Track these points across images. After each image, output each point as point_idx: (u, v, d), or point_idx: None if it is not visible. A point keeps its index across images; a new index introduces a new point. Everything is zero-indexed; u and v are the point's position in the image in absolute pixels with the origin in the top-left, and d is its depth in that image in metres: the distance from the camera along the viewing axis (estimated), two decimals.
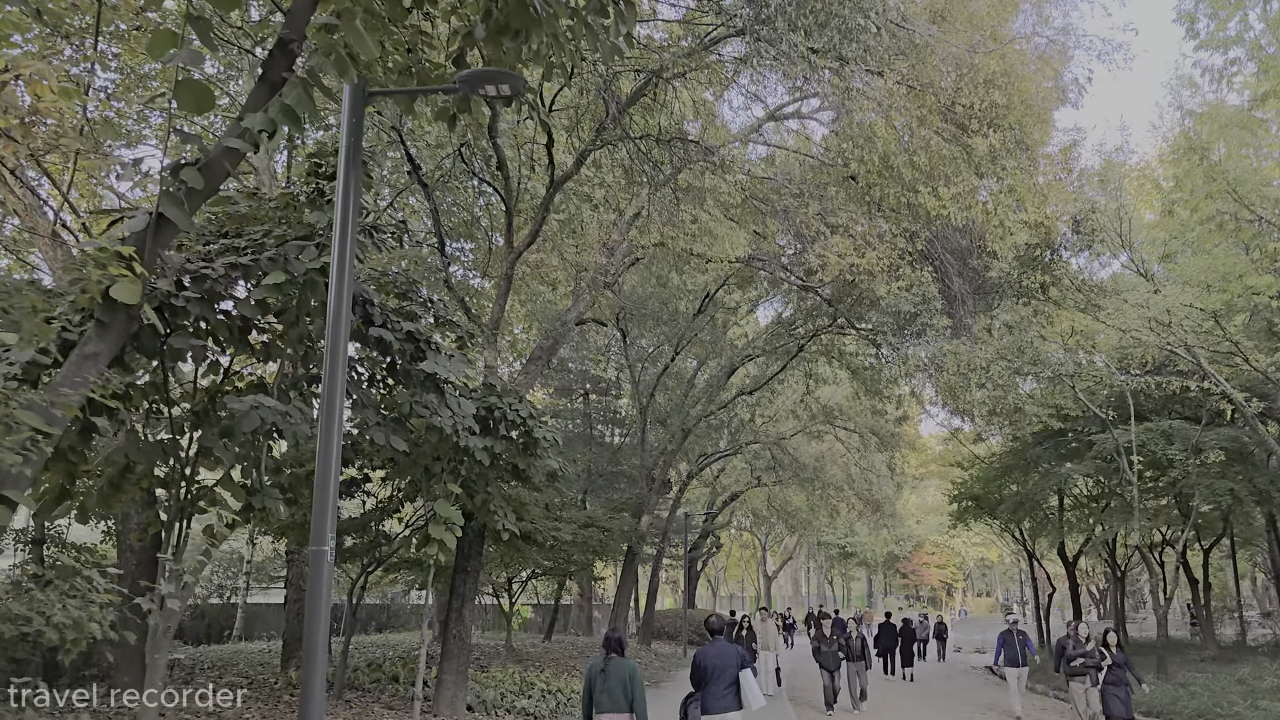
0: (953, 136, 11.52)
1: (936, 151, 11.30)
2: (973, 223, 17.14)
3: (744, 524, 56.86)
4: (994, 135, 11.24)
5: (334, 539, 5.93)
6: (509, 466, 11.31)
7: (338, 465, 6.01)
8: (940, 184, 11.59)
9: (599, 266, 15.87)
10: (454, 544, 10.54)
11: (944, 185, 11.54)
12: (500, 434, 11.03)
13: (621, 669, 8.31)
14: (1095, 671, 13.42)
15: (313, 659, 5.69)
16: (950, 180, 11.58)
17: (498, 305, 14.53)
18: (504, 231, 14.50)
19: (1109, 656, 13.25)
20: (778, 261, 19.01)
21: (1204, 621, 24.80)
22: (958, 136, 11.54)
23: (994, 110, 11.11)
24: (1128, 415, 21.94)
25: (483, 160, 14.61)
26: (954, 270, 15.11)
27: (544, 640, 29.87)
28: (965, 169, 11.55)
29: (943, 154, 11.33)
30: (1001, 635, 16.89)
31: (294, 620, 18.73)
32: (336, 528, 6.22)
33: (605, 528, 22.44)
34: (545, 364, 15.28)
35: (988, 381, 14.68)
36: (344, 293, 6.29)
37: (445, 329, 10.89)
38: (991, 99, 10.96)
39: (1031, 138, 12.33)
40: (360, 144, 6.33)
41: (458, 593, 13.87)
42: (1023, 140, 11.91)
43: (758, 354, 24.91)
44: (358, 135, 6.29)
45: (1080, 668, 13.88)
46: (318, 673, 5.69)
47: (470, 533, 14.08)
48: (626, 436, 33.26)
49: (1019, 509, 26.52)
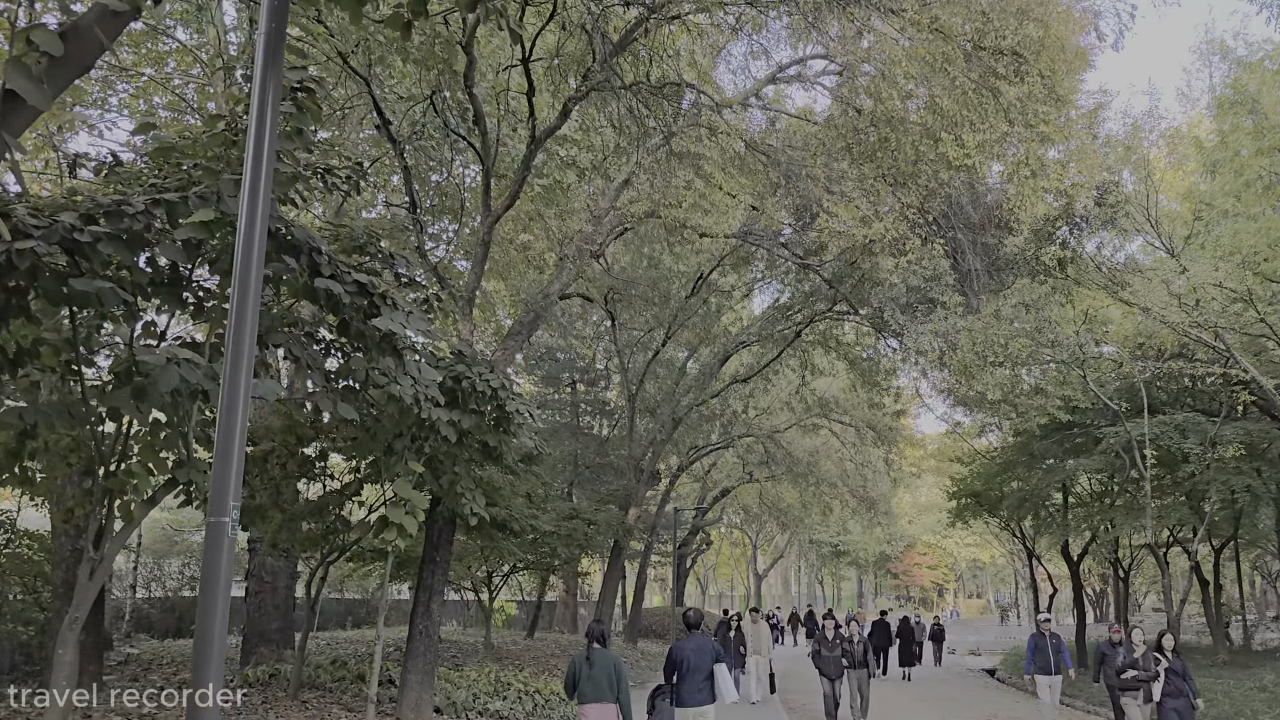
0: (979, 78, 10.36)
1: (961, 90, 10.10)
2: (984, 196, 16.06)
3: (734, 521, 55.78)
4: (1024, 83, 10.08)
5: (237, 509, 4.77)
6: (479, 444, 10.14)
7: (243, 427, 4.85)
8: (965, 130, 10.43)
9: (585, 235, 14.73)
10: (415, 529, 9.36)
11: (969, 132, 10.38)
12: (469, 407, 9.86)
13: (606, 660, 8.40)
14: (1151, 685, 11.59)
15: (206, 655, 4.53)
16: (975, 126, 10.43)
17: (473, 273, 13.37)
18: (481, 194, 13.33)
19: (1165, 664, 11.48)
20: (775, 239, 17.88)
21: (1216, 625, 23.78)
22: (985, 79, 10.38)
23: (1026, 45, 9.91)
24: (1139, 408, 20.93)
25: (458, 114, 13.43)
26: (967, 243, 14.00)
27: (526, 638, 28.70)
28: (993, 112, 10.36)
29: (968, 96, 10.16)
30: (1032, 639, 14.38)
31: (255, 614, 17.57)
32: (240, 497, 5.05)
33: (590, 520, 21.31)
34: (525, 340, 14.12)
35: (1006, 360, 13.52)
36: (259, 212, 5.13)
37: (409, 289, 9.73)
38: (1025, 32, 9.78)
39: (1063, 86, 11.16)
40: (283, 30, 5.16)
41: (425, 585, 12.70)
42: (1053, 90, 10.74)
43: (753, 340, 23.77)
44: (281, 19, 5.12)
45: (1133, 680, 11.86)
46: (211, 668, 4.52)
47: (440, 520, 12.91)
48: (615, 427, 32.11)
49: (1022, 506, 25.46)
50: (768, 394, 32.06)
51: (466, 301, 13.35)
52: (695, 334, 24.18)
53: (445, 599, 39.67)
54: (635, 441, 24.12)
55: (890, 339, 22.96)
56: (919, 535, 73.48)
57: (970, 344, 12.65)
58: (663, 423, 23.70)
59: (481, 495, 10.13)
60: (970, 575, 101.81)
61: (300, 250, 7.96)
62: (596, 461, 30.45)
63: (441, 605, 12.78)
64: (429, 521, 13.12)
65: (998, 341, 12.87)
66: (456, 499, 10.12)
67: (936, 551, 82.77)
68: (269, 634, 17.03)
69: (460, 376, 9.65)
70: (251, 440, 11.53)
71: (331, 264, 8.13)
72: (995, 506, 28.66)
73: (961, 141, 10.36)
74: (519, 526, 13.45)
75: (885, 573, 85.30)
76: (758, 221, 18.30)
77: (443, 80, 12.43)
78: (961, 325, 12.79)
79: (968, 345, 12.63)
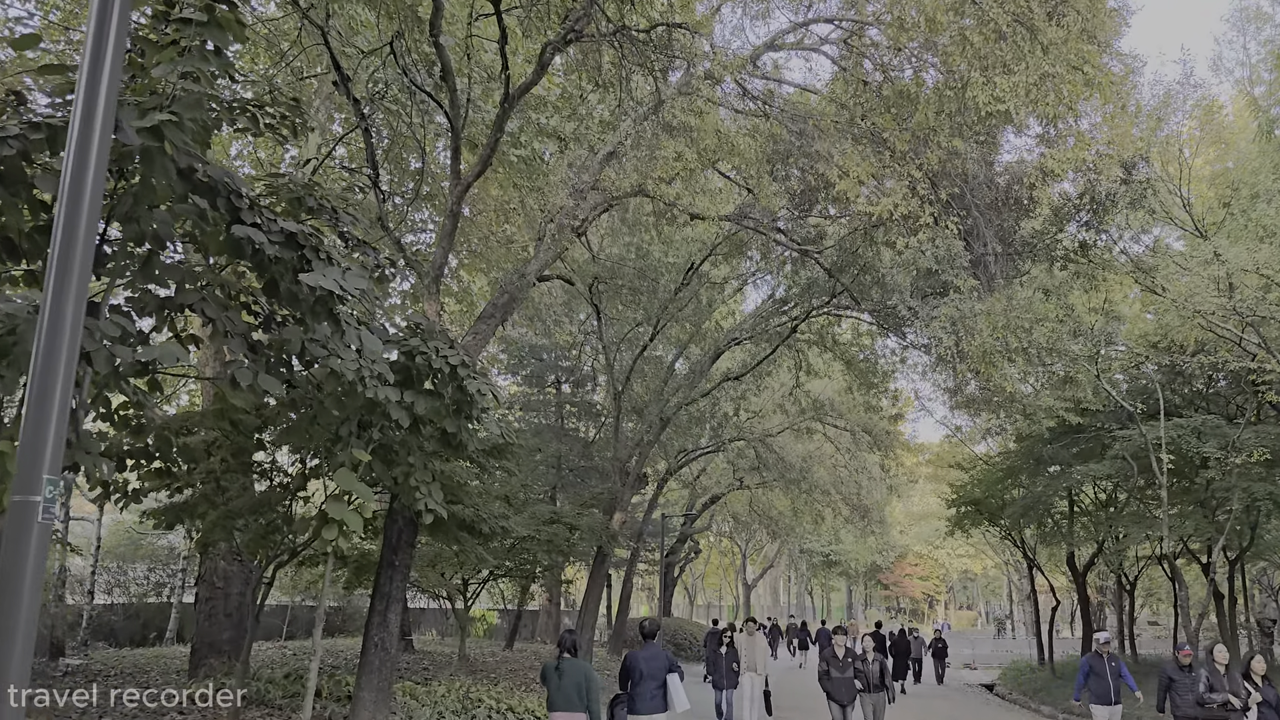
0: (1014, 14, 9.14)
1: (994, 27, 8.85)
2: (999, 178, 14.87)
3: (724, 529, 54.47)
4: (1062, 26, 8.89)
5: (57, 488, 3.51)
6: (437, 432, 8.86)
7: (66, 386, 3.59)
8: (997, 71, 9.21)
9: (566, 210, 13.47)
10: (360, 526, 8.08)
11: (1002, 74, 9.16)
12: (424, 388, 8.59)
13: (576, 670, 8.40)
14: (1243, 716, 9.85)
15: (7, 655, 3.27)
16: (1010, 68, 9.21)
17: (441, 248, 12.11)
18: (450, 159, 12.07)
19: (1256, 694, 9.80)
20: (772, 224, 16.65)
21: (1231, 641, 22.60)
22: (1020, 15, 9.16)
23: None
24: (1153, 411, 19.81)
25: (424, 69, 12.17)
26: (983, 223, 12.79)
27: (505, 649, 27.33)
28: (1029, 51, 9.11)
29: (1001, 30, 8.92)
30: (1086, 662, 12.35)
31: (205, 623, 16.19)
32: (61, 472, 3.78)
33: (573, 525, 20.01)
34: (499, 324, 12.84)
35: (1030, 345, 12.25)
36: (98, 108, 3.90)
37: (358, 251, 8.45)
38: None
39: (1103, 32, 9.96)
40: None
41: (382, 592, 11.38)
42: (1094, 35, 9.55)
43: (746, 337, 22.53)
44: None
45: (1220, 712, 9.98)
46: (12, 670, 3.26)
47: (400, 520, 11.62)
48: (600, 429, 30.80)
49: (1027, 514, 24.24)
50: (760, 396, 30.83)
51: (432, 279, 12.08)
52: (685, 329, 22.91)
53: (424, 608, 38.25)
54: (620, 443, 22.82)
55: (891, 338, 21.81)
56: (911, 545, 72.31)
57: (990, 328, 11.43)
58: (650, 423, 22.42)
59: (439, 490, 8.82)
60: (961, 587, 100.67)
61: (217, 192, 6.71)
62: (581, 465, 29.14)
63: (401, 614, 11.47)
64: (388, 521, 11.83)
65: (1021, 326, 11.65)
66: (410, 493, 8.81)
67: (928, 562, 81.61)
68: (220, 644, 15.66)
69: (414, 352, 8.37)
70: (187, 429, 10.23)
71: (255, 210, 6.87)
72: (996, 515, 27.48)
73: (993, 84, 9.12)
74: (488, 528, 12.12)
75: (876, 584, 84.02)
76: (754, 207, 17.13)
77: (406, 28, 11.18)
78: (980, 308, 11.56)
79: (987, 330, 11.41)
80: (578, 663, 8.52)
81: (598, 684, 8.53)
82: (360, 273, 7.08)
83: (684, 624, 40.71)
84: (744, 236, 20.05)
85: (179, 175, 6.58)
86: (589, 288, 20.85)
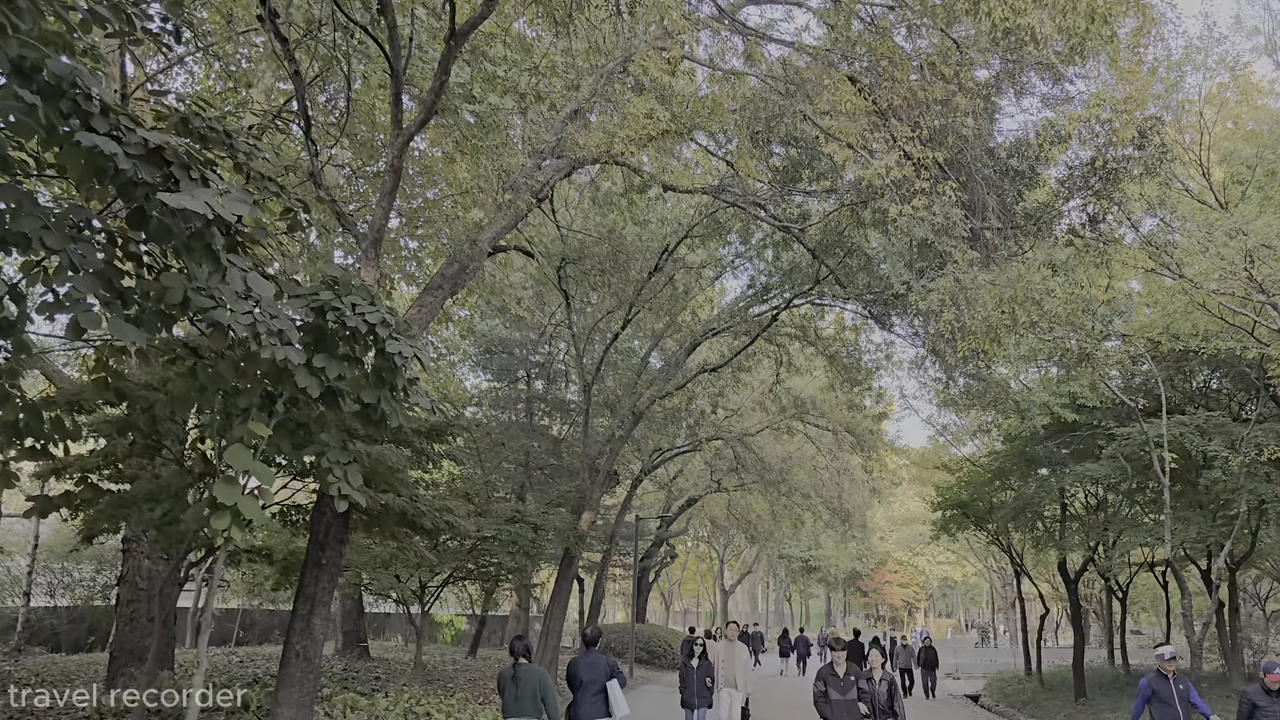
0: None
1: None
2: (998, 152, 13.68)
3: (701, 533, 53.18)
4: None
5: None
6: (357, 405, 7.51)
7: None
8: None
9: (525, 170, 12.16)
10: (257, 513, 6.74)
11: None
12: (339, 352, 7.24)
13: (531, 677, 8.40)
14: None
15: None
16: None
17: (381, 207, 10.77)
18: (391, 106, 10.75)
19: None
20: (752, 201, 15.40)
21: (1231, 651, 21.50)
22: None
23: None
24: (1155, 406, 18.71)
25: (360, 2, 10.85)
26: (983, 190, 11.57)
27: (468, 656, 25.91)
28: None
29: None
30: (1147, 685, 10.38)
31: (126, 628, 14.72)
32: None
33: (537, 524, 18.65)
34: (447, 296, 11.49)
35: (1042, 318, 10.98)
36: None
37: (262, 191, 7.12)
38: None
39: None
40: None
41: (306, 595, 9.99)
42: None
43: (724, 327, 21.25)
44: None
45: None
46: None
47: (329, 512, 10.25)
48: (570, 425, 29.43)
49: (1018, 517, 23.07)
50: (739, 393, 29.60)
51: (371, 242, 10.74)
52: (660, 318, 21.60)
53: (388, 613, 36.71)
54: (590, 438, 21.48)
55: (876, 331, 20.60)
56: (891, 551, 71.28)
57: (996, 300, 10.18)
58: (622, 418, 21.10)
59: (358, 473, 7.46)
60: (940, 594, 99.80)
61: (59, 92, 5.40)
62: (551, 463, 27.77)
63: (327, 620, 10.08)
64: (315, 514, 10.45)
65: (1031, 298, 10.40)
66: (323, 476, 7.47)
67: (908, 569, 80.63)
68: (142, 650, 14.18)
69: (325, 308, 7.03)
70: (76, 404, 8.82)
71: (109, 116, 5.54)
72: (984, 518, 26.30)
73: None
74: (431, 523, 10.75)
75: (855, 590, 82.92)
76: (734, 181, 15.95)
77: None
78: (984, 279, 10.31)
79: (992, 302, 10.18)
80: (534, 669, 8.49)
81: (554, 691, 8.48)
82: (241, 196, 5.74)
83: (659, 631, 39.28)
84: (722, 217, 18.81)
85: (13, 71, 5.27)
86: (557, 271, 19.53)
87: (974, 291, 10.30)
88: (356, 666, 19.83)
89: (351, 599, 22.43)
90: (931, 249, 11.65)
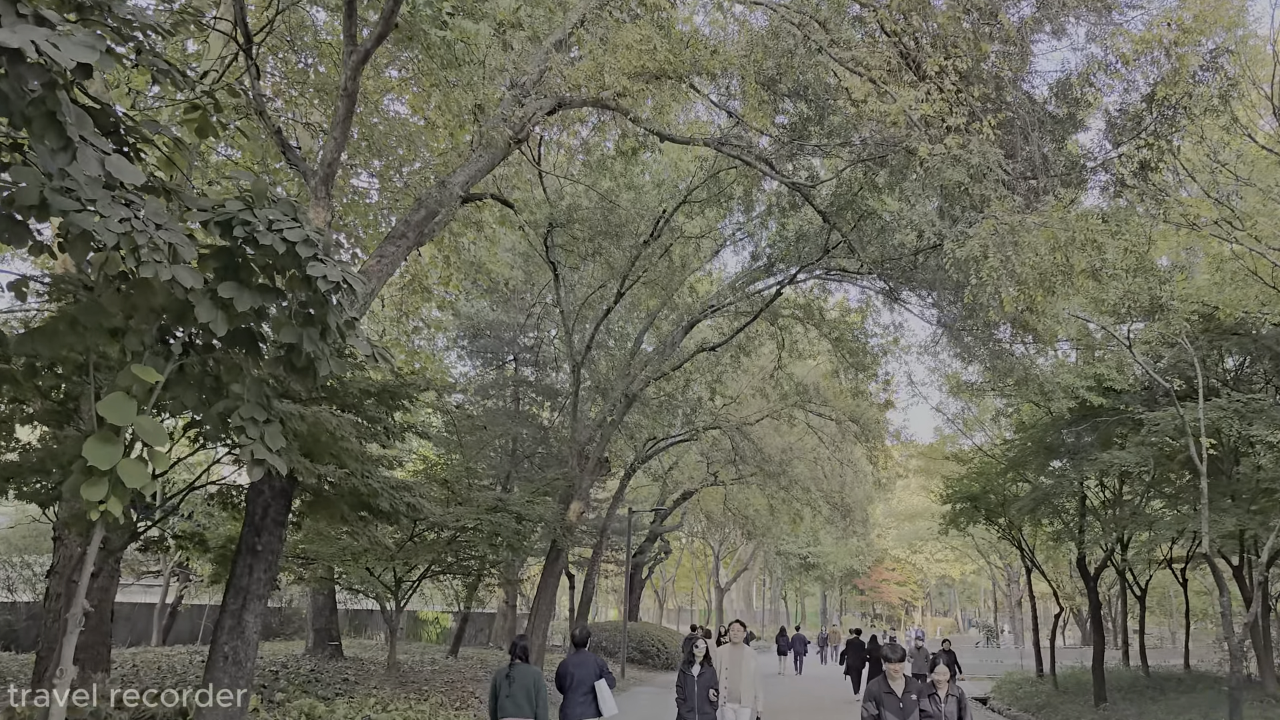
0: None
1: None
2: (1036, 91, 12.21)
3: (696, 528, 51.71)
4: None
5: None
6: (278, 348, 6.02)
7: None
8: None
9: (504, 103, 10.67)
10: (143, 480, 5.26)
11: None
12: (255, 281, 5.76)
13: (526, 676, 8.50)
14: None
15: None
16: None
17: (333, 138, 9.29)
18: (344, 18, 9.25)
19: None
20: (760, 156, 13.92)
21: (1265, 652, 20.11)
22: None
23: None
24: (1187, 390, 17.33)
25: None
26: (1030, 124, 10.11)
27: (449, 656, 24.39)
28: None
29: None
30: None
31: (54, 625, 13.17)
32: None
33: (521, 514, 17.15)
34: (412, 246, 10.00)
35: (1104, 264, 9.46)
36: None
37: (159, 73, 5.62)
38: None
39: None
40: None
41: (238, 587, 8.48)
42: None
43: (725, 303, 19.77)
44: None
45: None
46: None
47: (267, 489, 8.74)
48: (560, 411, 27.91)
49: (1036, 509, 21.61)
50: (738, 379, 28.12)
51: (321, 179, 9.24)
52: (655, 293, 20.07)
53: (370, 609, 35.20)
54: (580, 422, 19.98)
55: (884, 311, 19.15)
56: (890, 548, 69.93)
57: (1051, 243, 8.69)
58: (614, 401, 19.61)
59: (279, 434, 5.95)
60: (938, 593, 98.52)
61: None
62: (540, 452, 26.26)
63: (261, 617, 8.57)
64: (250, 492, 8.94)
65: (1091, 239, 8.89)
66: (237, 436, 5.98)
67: (905, 567, 79.32)
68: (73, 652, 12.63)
69: (233, 221, 5.52)
70: None
71: None
72: (996, 512, 24.86)
73: None
74: (389, 505, 9.22)
75: (852, 589, 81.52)
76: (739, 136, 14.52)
77: None
78: (1032, 220, 8.82)
79: (1045, 244, 8.69)
80: (529, 669, 8.60)
81: (546, 692, 8.58)
82: (90, 41, 4.24)
83: (652, 629, 37.72)
84: (724, 181, 17.32)
85: None
86: (543, 240, 18.02)
87: (1023, 234, 8.85)
88: (326, 667, 18.32)
89: (323, 594, 20.92)
90: (966, 195, 10.17)
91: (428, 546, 17.52)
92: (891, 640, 9.38)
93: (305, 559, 17.63)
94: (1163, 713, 19.32)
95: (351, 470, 8.35)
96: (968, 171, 9.78)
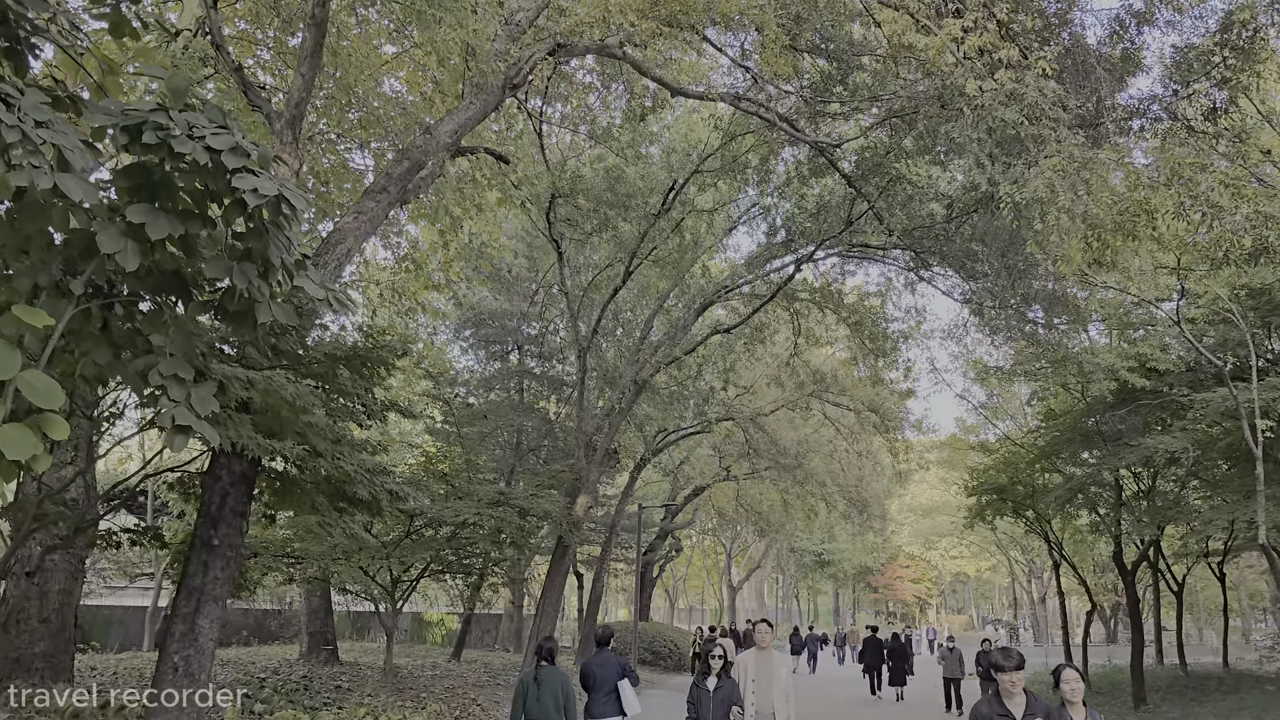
0: None
1: None
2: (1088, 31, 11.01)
3: (708, 525, 50.48)
4: None
5: None
6: (212, 289, 4.88)
7: None
8: None
9: (497, 51, 9.51)
10: (33, 449, 4.10)
11: None
12: (176, 205, 4.60)
13: (554, 679, 8.10)
14: None
15: None
16: None
17: (301, 73, 8.16)
18: None
19: None
20: (778, 114, 12.75)
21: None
22: None
23: None
24: (1238, 370, 16.15)
25: None
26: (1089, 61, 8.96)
27: (451, 659, 23.24)
28: None
29: None
30: None
31: (13, 629, 12.01)
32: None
33: (524, 508, 16.01)
34: (395, 202, 8.85)
35: (1196, 198, 8.16)
36: None
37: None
38: None
39: None
40: None
41: (190, 587, 7.33)
42: None
43: (739, 283, 18.58)
44: None
45: None
46: None
47: (225, 474, 7.59)
48: (565, 401, 26.75)
49: (1072, 500, 20.40)
50: (752, 368, 26.93)
51: (288, 121, 8.10)
52: (665, 273, 18.89)
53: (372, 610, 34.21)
54: (587, 411, 18.82)
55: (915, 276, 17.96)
56: (904, 545, 68.64)
57: (1130, 180, 7.52)
58: (623, 389, 18.44)
59: (211, 397, 4.81)
60: (952, 590, 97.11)
61: None
62: (545, 445, 25.09)
63: (219, 621, 7.43)
64: (206, 478, 7.80)
65: (1180, 173, 7.67)
66: (155, 400, 4.82)
67: (920, 564, 78.00)
68: (30, 660, 11.50)
69: (143, 126, 4.36)
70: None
71: None
72: (1024, 504, 23.61)
73: None
74: (367, 492, 8.07)
75: (865, 586, 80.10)
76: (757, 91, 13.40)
77: None
78: (1103, 155, 7.62)
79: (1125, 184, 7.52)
80: (557, 672, 8.17)
81: (575, 698, 8.21)
82: None
83: (663, 630, 36.42)
84: (739, 149, 16.13)
85: None
86: (546, 216, 16.85)
87: (1097, 167, 7.67)
88: (319, 673, 17.19)
89: (318, 595, 19.80)
90: (1018, 141, 8.99)
91: (425, 543, 16.42)
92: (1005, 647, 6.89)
93: (295, 558, 16.53)
94: (1210, 716, 18.09)
95: (321, 450, 7.21)
96: (1021, 111, 8.58)
